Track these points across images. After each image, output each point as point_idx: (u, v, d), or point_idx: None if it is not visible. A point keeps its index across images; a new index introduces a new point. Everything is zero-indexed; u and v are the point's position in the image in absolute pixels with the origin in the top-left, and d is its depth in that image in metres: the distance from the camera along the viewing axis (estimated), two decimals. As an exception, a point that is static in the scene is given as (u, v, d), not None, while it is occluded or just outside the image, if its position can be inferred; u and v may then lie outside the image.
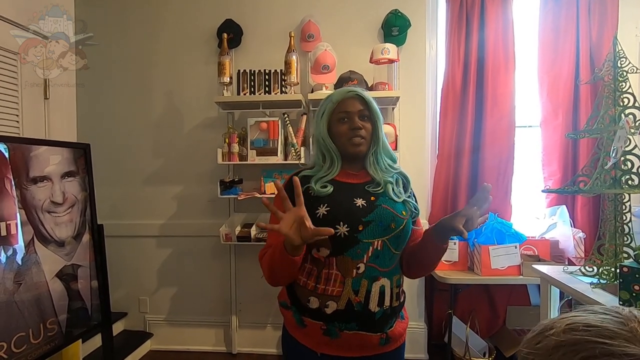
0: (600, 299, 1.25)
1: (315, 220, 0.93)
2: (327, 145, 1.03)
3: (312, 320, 0.97)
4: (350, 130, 1.01)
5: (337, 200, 0.98)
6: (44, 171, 1.48)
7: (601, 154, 1.43)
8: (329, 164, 1.04)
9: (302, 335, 1.00)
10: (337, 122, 1.02)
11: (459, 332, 2.26)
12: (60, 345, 1.48)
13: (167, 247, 2.58)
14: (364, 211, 0.97)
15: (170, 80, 2.53)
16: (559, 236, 2.20)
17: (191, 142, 2.52)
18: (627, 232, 1.39)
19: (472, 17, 2.34)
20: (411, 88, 2.36)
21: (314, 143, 1.09)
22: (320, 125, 1.04)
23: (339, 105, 1.03)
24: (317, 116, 1.07)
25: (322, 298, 0.96)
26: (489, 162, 2.35)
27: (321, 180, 1.00)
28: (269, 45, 2.43)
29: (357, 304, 0.95)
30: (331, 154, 1.03)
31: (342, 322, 0.95)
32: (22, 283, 1.34)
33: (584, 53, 2.27)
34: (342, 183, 1.02)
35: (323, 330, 0.96)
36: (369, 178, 1.05)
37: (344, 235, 0.94)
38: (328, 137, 1.03)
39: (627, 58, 1.40)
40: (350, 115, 1.01)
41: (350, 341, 0.96)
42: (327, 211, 0.96)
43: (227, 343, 2.52)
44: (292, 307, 1.02)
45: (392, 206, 1.00)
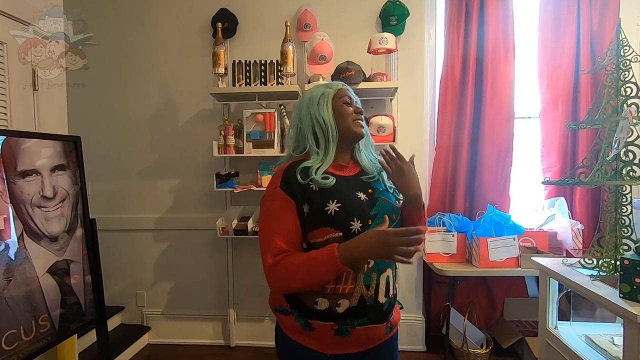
0: (600, 292, 1.24)
1: (326, 217, 0.91)
2: (329, 127, 0.99)
3: (321, 322, 0.94)
4: (355, 113, 1.03)
5: (344, 194, 0.95)
6: (34, 165, 1.44)
7: (602, 145, 1.41)
8: (323, 150, 1.00)
9: (310, 339, 0.96)
10: (342, 104, 1.02)
11: (457, 324, 2.26)
12: (54, 341, 1.46)
13: (163, 241, 2.55)
14: (369, 205, 0.97)
15: (164, 71, 2.48)
16: (558, 228, 2.19)
17: (186, 134, 2.48)
18: (627, 224, 1.37)
19: (471, 6, 2.30)
20: (410, 79, 2.33)
21: (307, 128, 1.02)
22: (322, 107, 1.01)
23: (339, 91, 1.04)
24: (311, 101, 1.03)
25: (332, 298, 0.93)
26: (487, 154, 2.33)
27: (319, 170, 0.96)
28: (264, 35, 2.38)
29: (368, 298, 0.94)
30: (330, 139, 1.00)
31: (354, 318, 0.93)
32: (12, 279, 1.31)
33: (584, 43, 2.24)
34: (338, 176, 0.99)
35: (334, 331, 0.93)
36: (359, 169, 1.06)
37: (357, 231, 0.92)
38: (333, 118, 1.00)
39: (631, 46, 1.37)
40: (352, 101, 1.04)
41: (361, 336, 0.95)
42: (339, 207, 0.92)
43: (225, 336, 2.52)
44: (294, 312, 0.97)
45: (389, 197, 1.03)
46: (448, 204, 2.41)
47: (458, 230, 2.22)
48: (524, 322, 2.45)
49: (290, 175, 0.95)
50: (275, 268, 0.89)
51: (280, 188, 0.94)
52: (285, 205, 0.93)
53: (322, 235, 0.92)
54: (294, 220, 0.93)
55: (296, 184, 0.93)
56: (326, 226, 0.91)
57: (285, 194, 0.93)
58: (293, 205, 0.93)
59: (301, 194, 0.93)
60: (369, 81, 2.16)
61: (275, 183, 0.95)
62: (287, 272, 0.88)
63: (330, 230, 0.91)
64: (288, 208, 0.92)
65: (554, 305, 1.57)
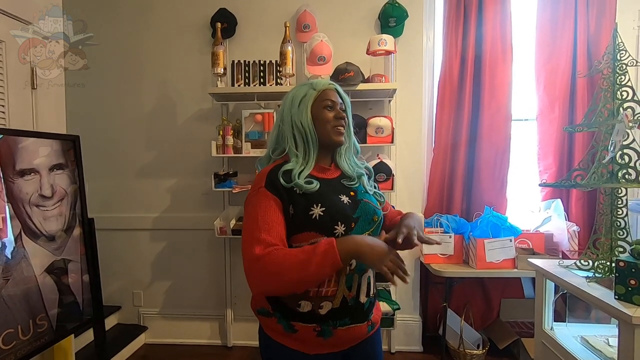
0: (595, 293, 1.25)
1: (310, 221, 0.91)
2: (308, 133, 0.97)
3: (304, 324, 0.94)
4: (336, 119, 1.00)
5: (328, 198, 0.94)
6: (32, 163, 1.44)
7: (598, 147, 1.42)
8: (302, 153, 0.98)
9: (292, 340, 0.96)
10: (322, 109, 0.99)
11: (454, 325, 2.27)
12: (51, 341, 1.46)
13: (161, 241, 2.55)
14: (351, 208, 0.97)
15: (163, 71, 2.48)
16: (554, 229, 2.21)
17: (185, 134, 2.48)
18: (622, 226, 1.39)
19: (469, 8, 2.31)
20: (408, 80, 2.33)
21: (287, 130, 0.99)
22: (302, 110, 0.98)
23: (322, 94, 1.00)
24: (292, 102, 1.00)
25: (315, 300, 0.93)
26: (485, 155, 2.35)
27: (301, 175, 0.94)
28: (263, 35, 2.38)
29: (350, 299, 0.94)
30: (310, 143, 0.98)
31: (336, 319, 0.94)
32: (10, 278, 1.31)
33: (581, 46, 2.26)
34: (320, 179, 0.97)
35: (317, 332, 0.94)
36: (339, 172, 1.04)
37: (340, 235, 0.92)
38: (312, 124, 0.98)
39: (627, 50, 1.38)
40: (334, 105, 1.01)
41: (342, 337, 0.96)
42: (323, 212, 0.91)
43: (222, 336, 2.52)
44: (276, 313, 0.96)
45: (370, 199, 1.03)
46: (445, 205, 2.43)
47: (455, 232, 2.23)
48: (520, 323, 2.46)
49: (274, 177, 0.93)
50: (262, 260, 0.83)
51: (265, 188, 0.92)
52: (271, 203, 0.91)
53: (306, 239, 0.92)
54: (280, 218, 0.90)
55: (280, 185, 0.92)
56: (310, 230, 0.91)
57: (270, 193, 0.91)
58: (279, 203, 0.91)
59: (287, 195, 0.92)
60: (367, 82, 2.16)
61: (259, 184, 0.93)
62: (278, 265, 0.82)
63: (315, 235, 0.91)
64: (274, 206, 0.91)
65: (550, 307, 1.58)
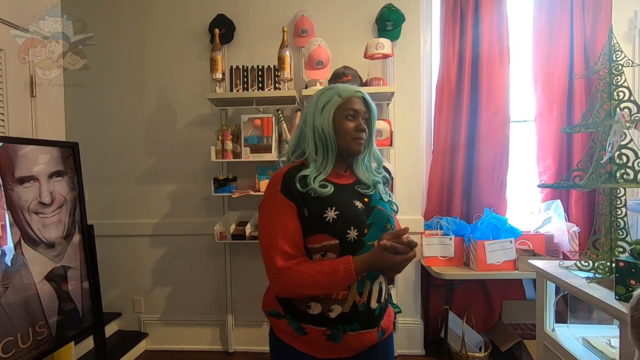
0: (596, 294, 1.25)
1: (324, 224, 0.91)
2: (328, 140, 0.98)
3: (314, 327, 0.94)
4: (356, 131, 0.99)
5: (342, 202, 0.95)
6: (31, 171, 1.44)
7: (596, 148, 1.42)
8: (321, 159, 0.98)
9: (302, 342, 0.96)
10: (344, 118, 0.99)
11: (455, 327, 2.26)
12: (51, 348, 1.45)
13: (161, 246, 2.55)
14: (365, 214, 0.97)
15: (162, 77, 2.49)
16: (554, 230, 2.21)
17: (184, 139, 2.48)
18: (622, 226, 1.39)
19: (466, 11, 2.33)
20: (406, 83, 2.34)
21: (309, 133, 1.00)
22: (324, 117, 0.98)
23: (346, 102, 0.99)
24: (316, 106, 1.00)
25: (325, 303, 0.93)
26: (484, 157, 2.35)
27: (316, 179, 0.95)
28: (261, 40, 2.40)
29: (361, 304, 0.94)
30: (329, 150, 0.98)
31: (346, 324, 0.94)
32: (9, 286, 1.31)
33: (578, 47, 2.27)
34: (335, 184, 0.98)
35: (327, 336, 0.94)
36: (354, 178, 1.05)
37: (353, 240, 0.92)
38: (332, 131, 0.98)
39: (623, 51, 1.39)
40: (357, 115, 1.00)
41: (352, 342, 0.96)
42: (337, 215, 0.92)
43: (223, 342, 2.50)
44: (287, 315, 0.98)
45: (385, 207, 1.03)
46: (445, 207, 2.42)
47: (455, 234, 2.23)
48: (522, 325, 2.45)
49: (290, 182, 0.94)
50: (287, 273, 0.90)
51: (281, 192, 0.93)
52: (287, 208, 0.93)
53: (318, 242, 0.92)
54: (296, 224, 0.92)
55: (296, 189, 0.93)
56: (323, 233, 0.92)
57: (285, 197, 0.93)
58: (294, 208, 0.93)
59: (301, 199, 0.93)
60: (365, 86, 2.17)
61: (275, 187, 0.95)
62: (300, 279, 0.89)
63: (327, 237, 0.92)
64: (289, 211, 0.93)
65: (551, 308, 1.58)
